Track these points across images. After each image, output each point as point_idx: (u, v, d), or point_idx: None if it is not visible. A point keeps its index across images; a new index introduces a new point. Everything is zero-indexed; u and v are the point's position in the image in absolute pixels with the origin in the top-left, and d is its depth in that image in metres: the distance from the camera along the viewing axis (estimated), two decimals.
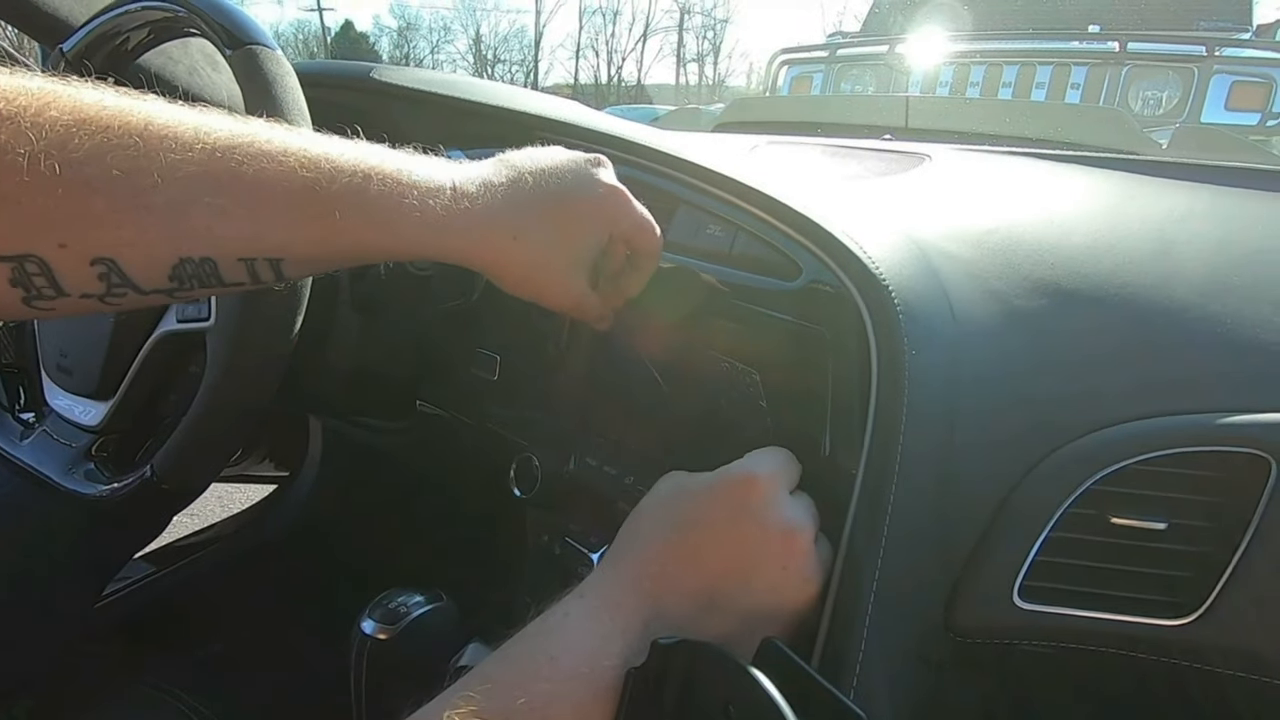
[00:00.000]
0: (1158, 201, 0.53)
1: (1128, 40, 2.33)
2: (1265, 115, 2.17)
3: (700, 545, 0.35)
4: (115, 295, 0.30)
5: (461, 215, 0.37)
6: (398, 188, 0.35)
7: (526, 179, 0.40)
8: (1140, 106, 2.39)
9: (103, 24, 0.52)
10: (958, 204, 0.52)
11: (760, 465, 0.37)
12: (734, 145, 0.74)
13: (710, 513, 0.35)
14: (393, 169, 0.35)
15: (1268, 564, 0.34)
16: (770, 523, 0.34)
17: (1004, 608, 0.37)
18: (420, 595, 0.40)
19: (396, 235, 0.35)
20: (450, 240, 0.37)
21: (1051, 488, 0.37)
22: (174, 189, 0.29)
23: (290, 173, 0.32)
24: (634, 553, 0.36)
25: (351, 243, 0.35)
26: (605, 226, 0.42)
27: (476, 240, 0.38)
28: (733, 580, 0.34)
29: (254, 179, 0.31)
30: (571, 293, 0.42)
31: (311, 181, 0.32)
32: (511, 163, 0.41)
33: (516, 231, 0.39)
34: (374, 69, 0.61)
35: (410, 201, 0.35)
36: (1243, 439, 0.35)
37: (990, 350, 0.40)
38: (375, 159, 0.35)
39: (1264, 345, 0.38)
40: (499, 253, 0.39)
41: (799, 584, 0.34)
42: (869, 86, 2.67)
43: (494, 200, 0.39)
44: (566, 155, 0.42)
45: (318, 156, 0.33)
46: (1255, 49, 2.44)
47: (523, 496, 0.53)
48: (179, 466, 0.44)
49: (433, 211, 0.36)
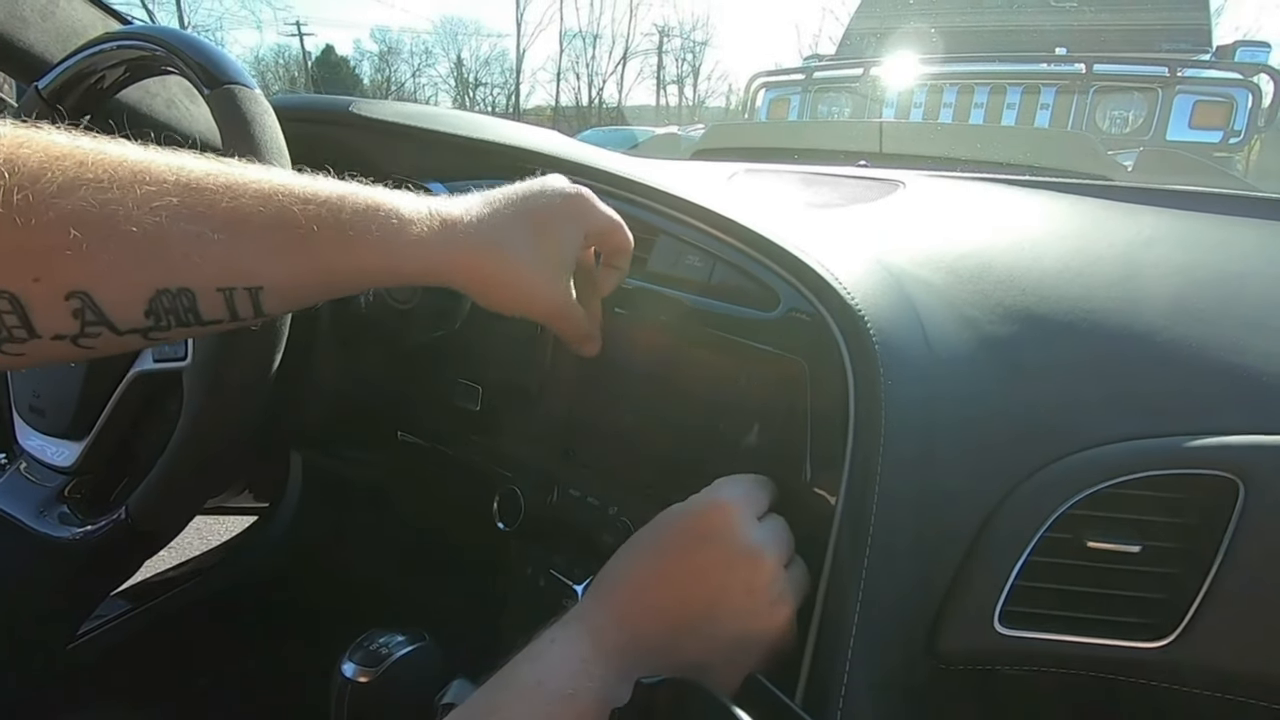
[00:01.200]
0: (1124, 226, 0.54)
1: (1094, 62, 2.40)
2: (1227, 133, 2.24)
3: (671, 572, 0.36)
4: (89, 335, 0.29)
5: (442, 233, 0.38)
6: (375, 211, 0.36)
7: (498, 197, 0.42)
8: (1108, 126, 2.46)
9: (79, 62, 0.52)
10: (931, 231, 0.53)
11: (725, 491, 0.37)
12: (712, 174, 0.75)
13: (679, 540, 0.36)
14: (368, 196, 0.36)
15: (1240, 585, 0.35)
16: (734, 548, 0.35)
17: (985, 633, 0.37)
18: (402, 635, 0.39)
19: (377, 257, 0.36)
20: (434, 258, 0.38)
21: (1028, 513, 0.37)
22: (149, 220, 0.29)
23: (266, 200, 0.32)
24: (615, 580, 0.37)
25: (330, 267, 0.35)
26: (579, 225, 0.43)
27: (461, 255, 0.39)
28: (703, 606, 0.35)
29: (230, 208, 0.31)
30: (557, 299, 0.43)
31: (287, 208, 0.33)
32: (480, 194, 0.42)
33: (499, 240, 0.40)
34: (353, 103, 0.62)
35: (390, 222, 0.36)
36: (1210, 461, 0.36)
37: (965, 378, 0.40)
38: (350, 189, 0.36)
39: (1228, 367, 0.39)
40: (484, 265, 0.40)
41: (767, 608, 0.35)
42: (845, 108, 2.72)
43: (472, 216, 0.40)
44: (527, 180, 0.44)
45: (294, 186, 0.34)
46: (1215, 70, 2.52)
47: (506, 529, 0.53)
48: (154, 509, 0.44)
49: (413, 231, 0.37)
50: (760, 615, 0.35)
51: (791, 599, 0.36)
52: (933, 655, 0.38)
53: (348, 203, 0.35)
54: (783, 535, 0.37)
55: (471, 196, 0.42)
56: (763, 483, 0.40)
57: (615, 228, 0.45)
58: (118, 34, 0.51)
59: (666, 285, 0.49)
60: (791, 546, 0.37)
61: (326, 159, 0.64)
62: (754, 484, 0.39)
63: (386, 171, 0.65)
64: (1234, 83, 2.27)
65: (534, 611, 0.52)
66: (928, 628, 0.38)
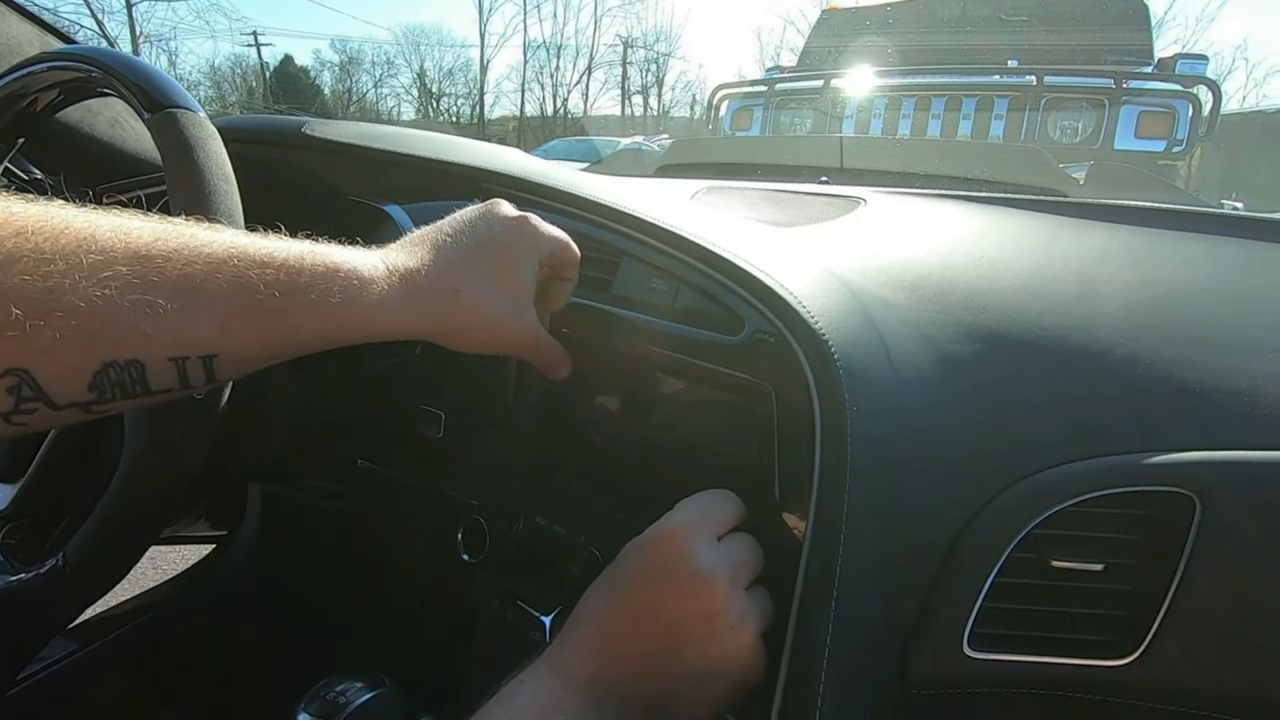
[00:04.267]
0: (1079, 243, 0.55)
1: (1044, 74, 2.48)
2: (1170, 142, 2.33)
3: (629, 609, 0.36)
4: (23, 413, 0.27)
5: (403, 289, 0.37)
6: (335, 274, 0.35)
7: (448, 239, 0.41)
8: (1059, 136, 2.55)
9: (8, 84, 0.49)
10: (892, 250, 0.53)
11: (677, 517, 0.37)
12: (675, 192, 0.75)
13: (635, 575, 0.36)
14: (325, 258, 0.35)
15: (1198, 601, 0.35)
16: (684, 576, 0.35)
17: (954, 657, 0.37)
18: (360, 681, 0.38)
19: (340, 322, 0.35)
20: (399, 317, 0.37)
21: (993, 534, 0.37)
22: (97, 292, 0.27)
23: (220, 265, 0.31)
24: (580, 620, 0.37)
25: (290, 332, 0.34)
26: (533, 252, 0.43)
27: (422, 308, 0.38)
28: (662, 640, 0.35)
29: (182, 275, 0.30)
30: (528, 331, 0.43)
31: (244, 273, 0.32)
32: (425, 235, 0.42)
33: (460, 287, 0.39)
34: (307, 124, 0.60)
35: (350, 284, 0.35)
36: (1167, 478, 0.36)
37: (928, 399, 0.40)
38: (307, 249, 0.35)
39: (1181, 383, 0.40)
40: (449, 315, 0.39)
41: (728, 633, 0.35)
42: (807, 119, 2.76)
43: (429, 266, 0.39)
44: (468, 209, 0.44)
45: (249, 249, 0.33)
46: (1158, 81, 2.62)
47: (471, 561, 0.52)
48: (94, 556, 0.41)
49: (374, 291, 0.36)
50: (721, 640, 0.35)
51: (754, 620, 0.35)
52: (903, 680, 0.38)
53: (306, 265, 0.34)
54: (741, 554, 0.37)
55: (422, 241, 0.41)
56: (723, 498, 0.39)
57: (563, 245, 0.45)
58: (52, 54, 0.49)
59: (631, 309, 0.48)
60: (754, 564, 0.37)
61: (281, 181, 0.63)
62: (711, 502, 0.39)
63: (343, 192, 0.63)
64: (1175, 94, 2.37)
65: (501, 643, 0.51)
66: (898, 653, 0.37)
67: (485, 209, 0.44)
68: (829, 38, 3.64)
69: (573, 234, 0.53)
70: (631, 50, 31.38)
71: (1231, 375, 0.39)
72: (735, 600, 0.35)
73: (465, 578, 0.55)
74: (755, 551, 0.38)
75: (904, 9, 3.67)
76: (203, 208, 0.41)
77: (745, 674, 0.36)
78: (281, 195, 0.63)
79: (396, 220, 0.59)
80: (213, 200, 0.42)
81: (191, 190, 0.42)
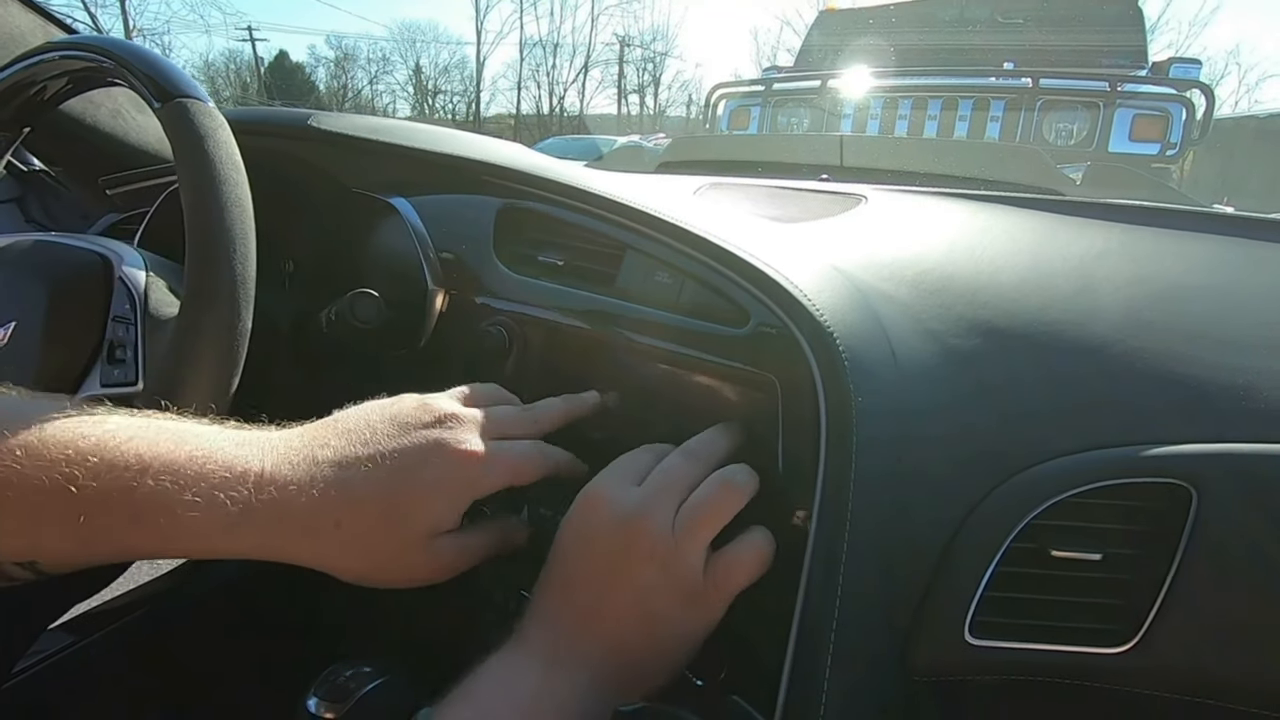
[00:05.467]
0: (1077, 240, 0.56)
1: (1040, 77, 2.50)
2: (1164, 145, 2.35)
3: (565, 569, 0.37)
4: None
5: (264, 510, 0.32)
6: (180, 482, 0.31)
7: (359, 451, 0.35)
8: (1054, 138, 2.56)
9: (17, 72, 0.49)
10: (894, 245, 0.54)
11: (595, 478, 0.39)
12: (678, 188, 0.75)
13: (567, 538, 0.38)
14: (184, 459, 0.31)
15: (1194, 590, 0.36)
16: (604, 528, 0.36)
17: (956, 645, 0.38)
18: (368, 668, 0.38)
19: (169, 537, 0.31)
20: (244, 537, 0.32)
21: (995, 524, 0.38)
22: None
23: (43, 469, 0.29)
24: (537, 591, 0.38)
25: (116, 546, 0.31)
26: (466, 494, 0.37)
27: (285, 539, 0.33)
28: (614, 593, 0.36)
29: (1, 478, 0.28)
30: (439, 560, 0.37)
31: (66, 480, 0.29)
32: (346, 432, 0.36)
33: (340, 518, 0.34)
34: (312, 116, 0.60)
35: (190, 498, 0.31)
36: (1164, 470, 0.37)
37: (931, 392, 0.41)
38: (168, 446, 0.31)
39: (1179, 377, 0.41)
40: (317, 547, 0.34)
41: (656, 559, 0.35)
42: (804, 119, 2.77)
43: (313, 484, 0.34)
44: (407, 415, 0.38)
45: (87, 450, 0.30)
46: (1152, 85, 2.64)
47: None
48: None
49: (222, 508, 0.31)
50: (655, 566, 0.35)
51: (696, 529, 0.36)
52: (905, 667, 0.38)
53: (149, 476, 0.30)
54: (658, 486, 0.38)
55: (329, 448, 0.35)
56: (640, 450, 0.41)
57: (523, 473, 0.39)
58: (61, 43, 0.49)
59: (635, 302, 0.48)
60: (680, 483, 0.38)
61: (287, 173, 0.63)
62: (623, 459, 0.40)
63: (348, 185, 0.64)
64: (1169, 98, 2.38)
65: (505, 635, 0.51)
66: (901, 640, 0.38)
67: (448, 419, 0.38)
68: (826, 38, 3.65)
69: (577, 228, 0.54)
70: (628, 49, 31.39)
71: (1227, 370, 0.40)
72: (665, 531, 0.36)
73: (469, 571, 0.55)
74: (679, 471, 0.38)
75: (901, 10, 3.69)
76: (212, 198, 0.42)
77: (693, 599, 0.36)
78: (287, 187, 0.63)
79: (401, 212, 0.59)
80: (222, 191, 0.42)
81: (201, 180, 0.42)
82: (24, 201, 0.86)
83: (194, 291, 0.41)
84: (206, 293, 0.41)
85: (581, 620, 0.36)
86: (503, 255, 0.57)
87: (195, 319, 0.41)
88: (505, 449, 0.39)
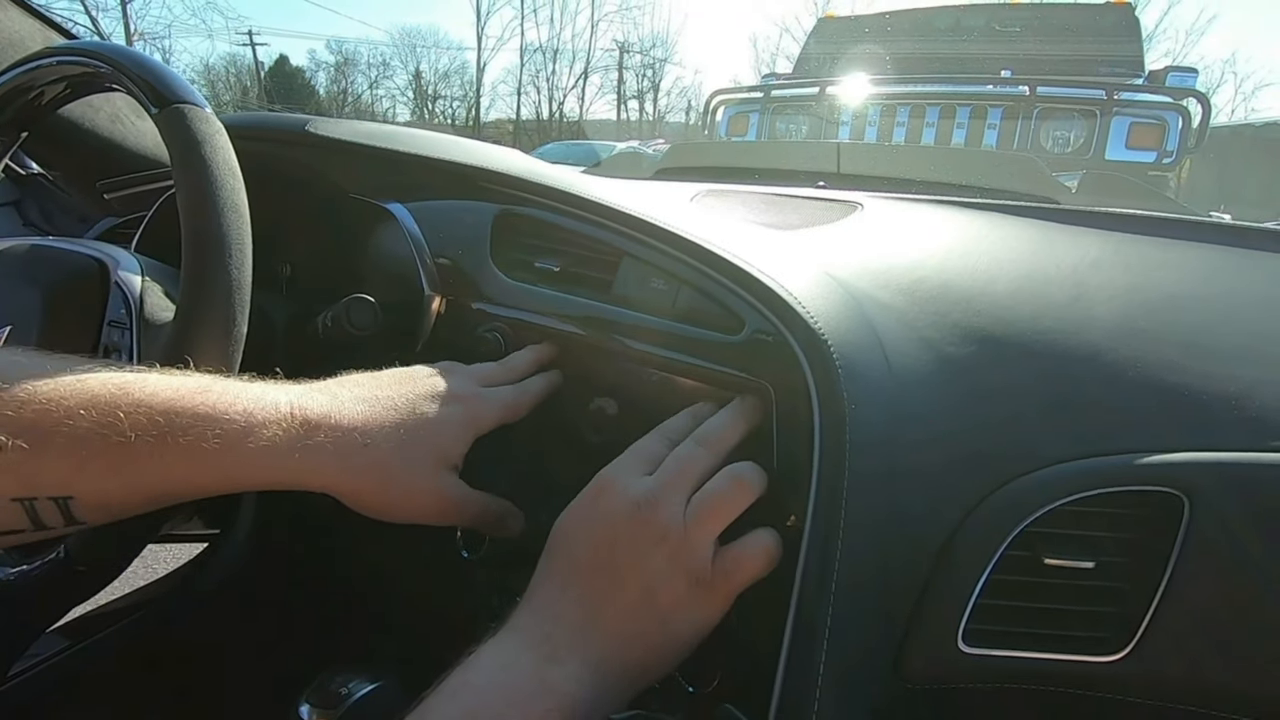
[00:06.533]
0: (1072, 248, 0.56)
1: (1037, 85, 2.51)
2: (1160, 153, 2.36)
3: (568, 554, 0.37)
4: None
5: (299, 433, 0.35)
6: (216, 416, 0.33)
7: (379, 390, 0.40)
8: (1051, 146, 2.57)
9: (16, 77, 0.49)
10: (889, 253, 0.54)
11: (608, 465, 0.39)
12: (675, 194, 0.75)
13: (571, 524, 0.38)
14: (215, 400, 0.33)
15: (1186, 598, 0.36)
16: (614, 515, 0.36)
17: (949, 652, 0.38)
18: (361, 675, 0.38)
19: (214, 466, 0.33)
20: (285, 463, 0.34)
21: (988, 532, 0.38)
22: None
23: (89, 404, 0.30)
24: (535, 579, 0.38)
25: (160, 477, 0.32)
26: (470, 427, 0.42)
27: (320, 457, 0.35)
28: (610, 579, 0.35)
29: (39, 413, 0.29)
30: (447, 498, 0.40)
31: (110, 412, 0.30)
32: (360, 379, 0.41)
33: (369, 438, 0.37)
34: (310, 122, 0.60)
35: (231, 428, 0.33)
36: (1157, 478, 0.37)
37: (925, 399, 0.41)
38: (201, 388, 0.33)
39: (1171, 386, 0.41)
40: (348, 466, 0.36)
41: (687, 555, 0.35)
42: (802, 126, 2.78)
43: (340, 411, 0.37)
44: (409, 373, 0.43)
45: (131, 386, 0.31)
46: (1149, 93, 2.66)
47: (470, 558, 0.52)
48: (95, 546, 0.41)
49: (262, 437, 0.34)
50: (675, 559, 0.35)
51: (707, 519, 0.36)
52: (899, 675, 0.38)
53: (186, 407, 0.32)
54: (675, 471, 0.38)
55: (352, 385, 0.39)
56: (656, 434, 0.41)
57: (509, 416, 0.45)
58: (60, 49, 0.49)
59: (631, 308, 0.48)
60: (692, 473, 0.38)
61: (284, 178, 0.63)
62: (640, 443, 0.40)
63: (345, 190, 0.64)
64: (1166, 106, 2.39)
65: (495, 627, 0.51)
66: (894, 648, 0.38)
67: (439, 373, 0.43)
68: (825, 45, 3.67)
69: (574, 234, 0.54)
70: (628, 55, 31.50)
71: (1220, 379, 0.40)
72: (675, 508, 0.36)
73: (465, 575, 0.55)
74: (692, 459, 0.39)
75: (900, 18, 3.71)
76: (209, 203, 0.42)
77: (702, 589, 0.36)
78: (284, 192, 0.63)
79: (398, 218, 0.59)
80: (219, 196, 0.42)
81: (197, 185, 0.42)
82: (22, 205, 0.87)
83: (189, 296, 0.41)
84: (202, 298, 0.41)
85: (585, 611, 0.35)
86: (499, 261, 0.57)
87: (191, 324, 0.41)
88: (495, 391, 0.45)
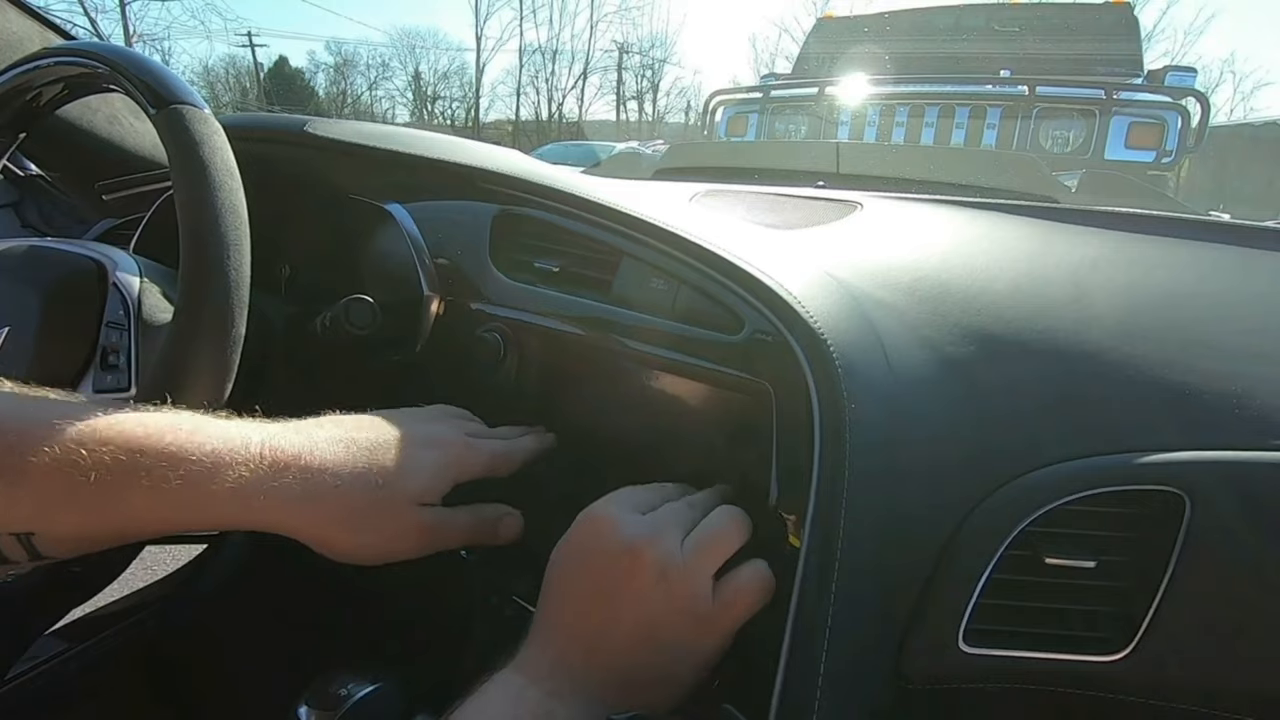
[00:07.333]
0: (1071, 248, 0.56)
1: (1036, 84, 2.51)
2: (1160, 153, 2.36)
3: (571, 590, 0.37)
4: None
5: (267, 474, 0.34)
6: (180, 454, 0.32)
7: (362, 432, 0.39)
8: (1050, 145, 2.57)
9: (13, 78, 0.49)
10: (889, 253, 0.54)
11: (598, 502, 0.39)
12: (674, 194, 0.75)
13: (568, 560, 0.38)
14: (184, 436, 0.33)
15: (1187, 598, 0.36)
16: (611, 551, 0.36)
17: (950, 653, 0.38)
18: (360, 676, 0.38)
19: (179, 506, 0.32)
20: (252, 505, 0.34)
21: (989, 531, 0.38)
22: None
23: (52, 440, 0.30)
24: (538, 614, 0.38)
25: (125, 516, 0.32)
26: (448, 472, 0.41)
27: (288, 498, 0.35)
28: (606, 612, 0.35)
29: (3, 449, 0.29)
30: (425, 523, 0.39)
31: (66, 454, 0.30)
32: (346, 421, 0.40)
33: (339, 479, 0.36)
34: (309, 122, 0.60)
35: (198, 467, 0.32)
36: (1158, 478, 0.37)
37: (925, 399, 0.41)
38: (171, 425, 0.33)
39: (1172, 385, 0.41)
40: (316, 508, 0.36)
41: (662, 586, 0.35)
42: (801, 127, 2.78)
43: (313, 451, 0.36)
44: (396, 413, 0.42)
45: (98, 424, 0.31)
46: (1148, 93, 2.66)
47: (468, 557, 0.52)
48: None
49: (227, 476, 0.33)
50: (661, 594, 0.35)
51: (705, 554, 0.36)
52: (899, 675, 0.38)
53: (151, 446, 0.32)
54: (667, 519, 0.38)
55: (324, 429, 0.38)
56: (643, 488, 0.41)
57: (496, 468, 0.44)
58: (58, 49, 0.49)
59: (630, 309, 0.48)
60: (683, 520, 0.38)
61: (283, 179, 0.63)
62: (629, 490, 0.41)
63: (344, 190, 0.64)
64: (1165, 105, 2.39)
65: (499, 640, 0.51)
66: (894, 648, 0.38)
67: (427, 417, 0.42)
68: (824, 45, 3.66)
69: (573, 234, 0.54)
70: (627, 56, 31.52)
71: (1220, 378, 0.40)
72: (671, 560, 0.36)
73: (463, 574, 0.55)
74: (684, 511, 0.39)
75: (899, 18, 3.71)
76: (207, 204, 0.42)
77: (703, 624, 0.36)
78: (283, 193, 0.63)
79: (397, 218, 0.59)
80: (217, 196, 0.42)
81: (196, 186, 0.42)
82: (20, 206, 0.86)
83: (188, 297, 0.41)
84: (200, 298, 0.41)
85: (585, 648, 0.35)
86: (499, 261, 0.57)
87: (189, 325, 0.41)
88: (484, 442, 0.44)
